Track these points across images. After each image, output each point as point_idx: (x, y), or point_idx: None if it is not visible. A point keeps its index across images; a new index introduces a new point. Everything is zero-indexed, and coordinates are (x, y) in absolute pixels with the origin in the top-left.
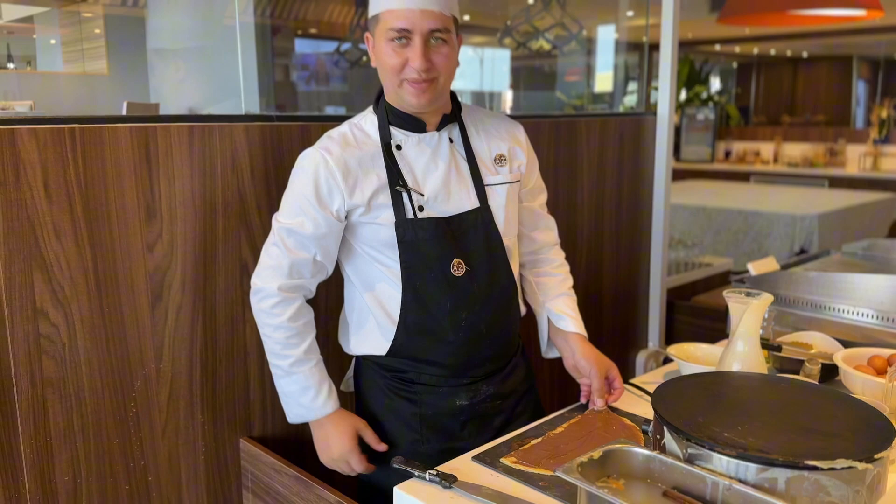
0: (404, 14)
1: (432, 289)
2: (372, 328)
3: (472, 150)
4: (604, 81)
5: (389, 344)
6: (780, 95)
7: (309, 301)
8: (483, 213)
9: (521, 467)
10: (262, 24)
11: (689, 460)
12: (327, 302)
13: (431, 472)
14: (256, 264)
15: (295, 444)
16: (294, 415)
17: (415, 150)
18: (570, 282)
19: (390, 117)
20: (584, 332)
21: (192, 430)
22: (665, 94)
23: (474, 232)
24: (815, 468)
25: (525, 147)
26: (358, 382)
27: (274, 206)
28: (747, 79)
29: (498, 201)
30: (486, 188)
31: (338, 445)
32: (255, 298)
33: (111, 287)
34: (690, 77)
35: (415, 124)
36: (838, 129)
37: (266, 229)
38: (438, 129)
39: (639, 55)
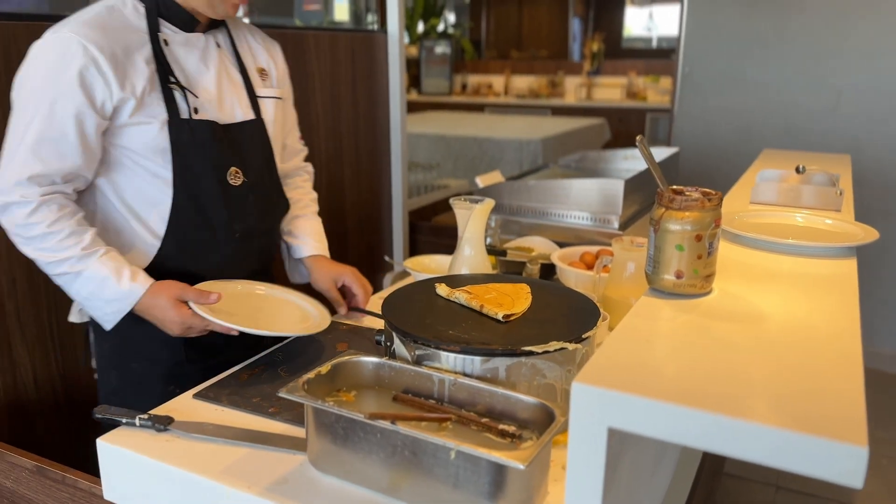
0: None
1: (208, 198)
2: (125, 243)
3: (241, 60)
4: (342, 11)
5: (149, 261)
6: (508, 31)
7: None
8: (258, 126)
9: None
10: None
11: (418, 362)
12: None
13: (142, 416)
14: None
15: None
16: (109, 314)
17: (183, 50)
18: (314, 206)
19: (161, 8)
20: (323, 252)
21: None
22: (394, 10)
23: (251, 143)
24: (530, 353)
25: (282, 70)
26: None
27: None
28: (479, 14)
29: (269, 116)
30: (259, 100)
31: (177, 317)
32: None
33: None
34: (426, 9)
35: (187, 21)
36: (558, 63)
37: None
38: (206, 31)
39: None
